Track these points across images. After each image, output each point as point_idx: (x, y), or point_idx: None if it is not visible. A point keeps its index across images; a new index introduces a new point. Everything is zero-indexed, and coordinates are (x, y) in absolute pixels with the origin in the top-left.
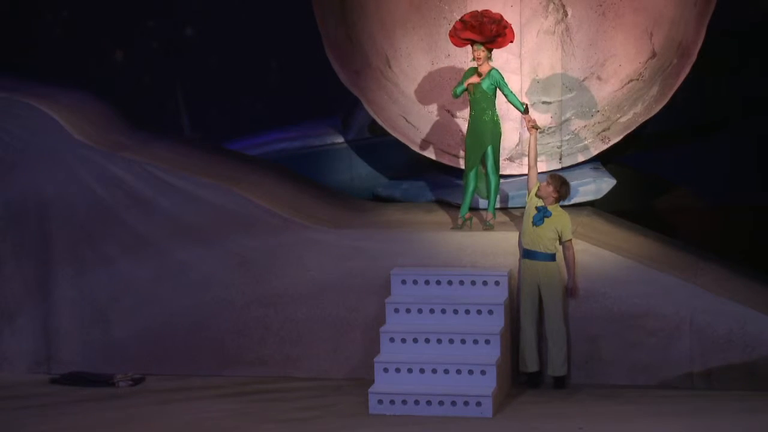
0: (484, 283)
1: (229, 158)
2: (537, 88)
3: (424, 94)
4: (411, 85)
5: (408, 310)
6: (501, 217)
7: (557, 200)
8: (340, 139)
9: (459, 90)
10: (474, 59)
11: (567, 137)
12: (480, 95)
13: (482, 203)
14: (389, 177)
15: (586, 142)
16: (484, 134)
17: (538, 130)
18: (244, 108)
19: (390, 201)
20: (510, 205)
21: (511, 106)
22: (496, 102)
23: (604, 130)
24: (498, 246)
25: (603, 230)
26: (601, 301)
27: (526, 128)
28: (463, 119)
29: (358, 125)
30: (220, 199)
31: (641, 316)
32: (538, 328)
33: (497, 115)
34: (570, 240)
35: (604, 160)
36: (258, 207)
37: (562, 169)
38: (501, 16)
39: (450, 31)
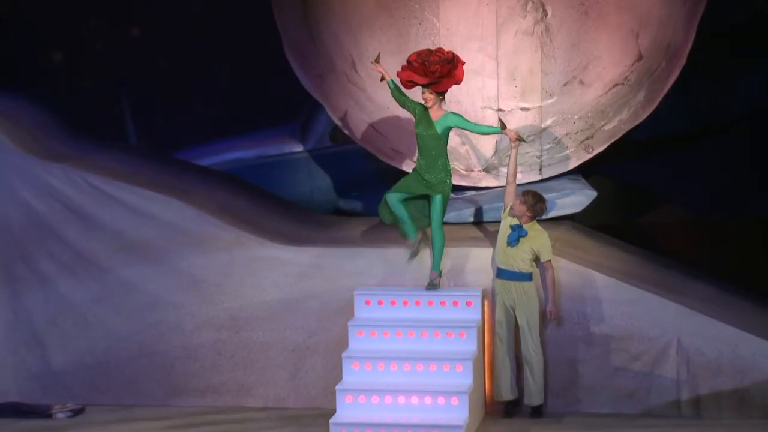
0: (455, 303)
1: (178, 168)
2: (515, 93)
3: (393, 100)
4: (379, 89)
5: (373, 334)
6: (473, 231)
7: (532, 218)
8: (300, 148)
9: (391, 84)
10: (425, 101)
11: (547, 146)
12: (431, 141)
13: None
14: (352, 189)
15: (567, 152)
16: (435, 184)
17: (522, 142)
18: (194, 114)
19: (353, 215)
20: (485, 218)
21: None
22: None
23: (587, 139)
24: (470, 263)
25: (583, 246)
26: (581, 323)
27: (510, 140)
28: None
29: (319, 133)
30: (169, 213)
31: (624, 338)
32: (515, 352)
33: (449, 164)
34: (549, 260)
35: (585, 171)
36: (209, 221)
37: (542, 180)
38: (453, 55)
39: (398, 73)
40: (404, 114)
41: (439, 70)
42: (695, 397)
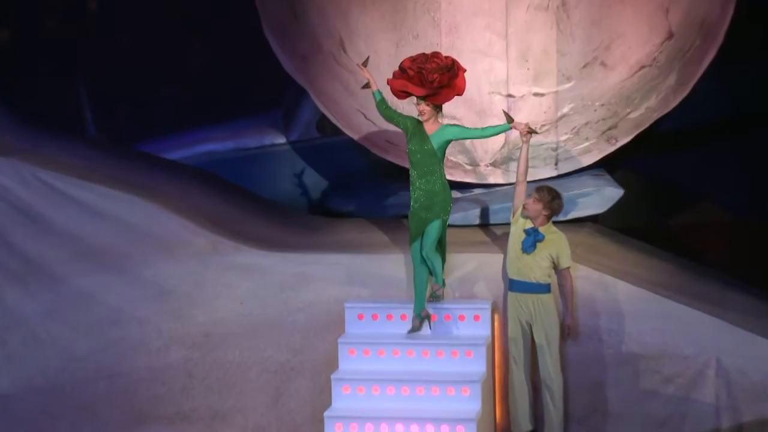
0: (461, 317)
1: (143, 163)
2: (527, 76)
3: (386, 84)
4: (371, 71)
5: (366, 352)
6: (481, 235)
7: (549, 218)
8: (282, 140)
9: (377, 96)
10: (419, 114)
11: (564, 137)
12: (426, 158)
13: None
14: (343, 187)
15: (587, 144)
16: (434, 206)
17: (533, 134)
18: (162, 101)
19: (343, 216)
20: (492, 221)
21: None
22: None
23: (609, 129)
24: (477, 271)
25: (607, 252)
26: (605, 341)
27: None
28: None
29: (304, 122)
30: (132, 214)
31: (656, 358)
32: (531, 375)
33: (445, 179)
34: (568, 268)
35: (609, 166)
36: (179, 224)
37: (559, 177)
38: (452, 62)
39: (389, 80)
40: (399, 101)
41: (438, 80)
42: (737, 425)
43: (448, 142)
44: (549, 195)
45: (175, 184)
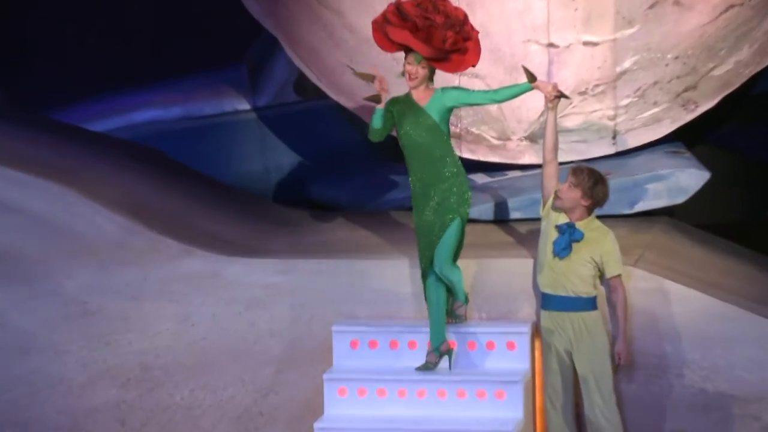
0: (489, 345)
1: (59, 137)
2: (574, 19)
3: None
4: (364, 13)
5: (361, 392)
6: (514, 232)
7: (590, 210)
8: (247, 105)
9: (374, 121)
10: (404, 74)
11: (625, 101)
12: (427, 137)
13: None
14: (329, 169)
15: (657, 110)
16: (447, 202)
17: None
18: (85, 54)
19: (329, 208)
20: (530, 214)
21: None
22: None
23: (686, 90)
24: (506, 282)
25: (686, 255)
26: (683, 376)
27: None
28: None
29: (277, 82)
30: (45, 205)
31: (753, 399)
32: (575, 419)
33: (459, 162)
34: (619, 276)
35: (688, 141)
36: (109, 219)
37: (618, 155)
38: (465, 15)
39: (376, 19)
40: (399, 54)
41: (452, 40)
42: None
43: (450, 110)
44: (590, 178)
45: (104, 164)
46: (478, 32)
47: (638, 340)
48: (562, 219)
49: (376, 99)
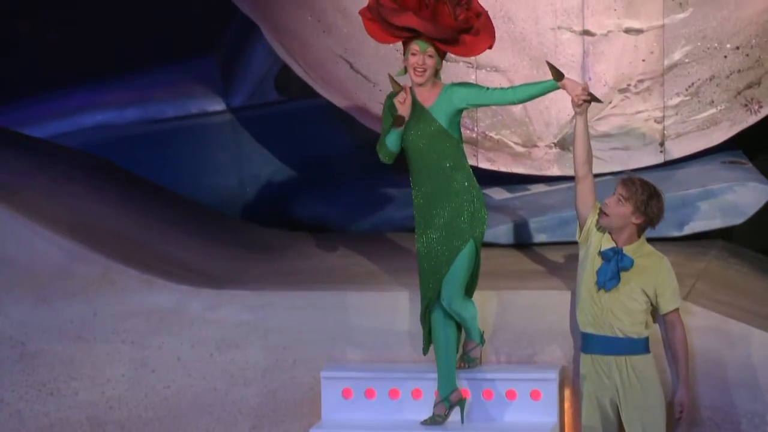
0: (510, 394)
1: None
2: (615, 1)
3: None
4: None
5: None
6: (539, 258)
7: (642, 230)
8: (220, 105)
9: (391, 143)
10: (407, 69)
11: (675, 101)
12: (435, 143)
13: None
14: (316, 182)
15: (714, 111)
16: (457, 222)
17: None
18: (22, 48)
19: (316, 229)
20: (557, 238)
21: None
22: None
23: (749, 87)
24: (530, 319)
25: (748, 287)
26: (746, 431)
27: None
28: (465, 64)
29: (255, 77)
30: None
31: None
32: None
33: (472, 174)
34: (677, 310)
35: (750, 149)
36: (52, 242)
37: (666, 165)
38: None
39: (368, 5)
40: (399, 45)
41: (463, 19)
42: None
43: (460, 112)
44: (644, 191)
45: (45, 178)
46: (486, 11)
47: (699, 387)
48: (606, 244)
49: (400, 121)
